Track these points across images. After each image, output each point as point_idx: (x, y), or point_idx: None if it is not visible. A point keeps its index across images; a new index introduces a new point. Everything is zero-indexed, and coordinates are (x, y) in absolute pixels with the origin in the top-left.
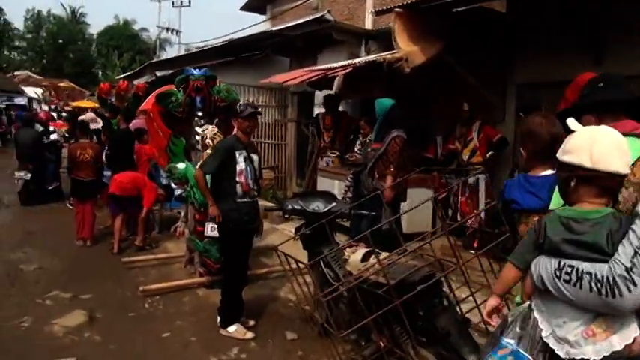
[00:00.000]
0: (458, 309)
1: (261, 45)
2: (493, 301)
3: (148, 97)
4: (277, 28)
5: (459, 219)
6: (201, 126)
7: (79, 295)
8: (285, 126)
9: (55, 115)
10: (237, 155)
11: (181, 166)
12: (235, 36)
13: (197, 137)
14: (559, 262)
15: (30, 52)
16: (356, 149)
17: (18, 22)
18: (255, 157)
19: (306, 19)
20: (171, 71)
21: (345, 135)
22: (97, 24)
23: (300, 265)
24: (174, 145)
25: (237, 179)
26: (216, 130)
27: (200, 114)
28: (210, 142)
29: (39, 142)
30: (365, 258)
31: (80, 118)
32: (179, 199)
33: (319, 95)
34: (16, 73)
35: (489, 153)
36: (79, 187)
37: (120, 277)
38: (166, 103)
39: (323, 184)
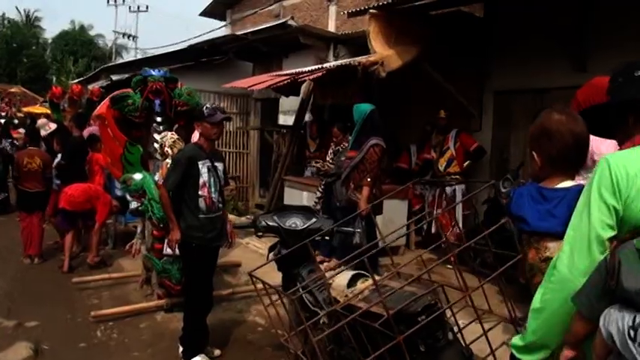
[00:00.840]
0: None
1: (222, 49)
2: (568, 353)
3: (103, 102)
4: (241, 32)
5: (433, 231)
6: (160, 132)
7: (24, 322)
8: (248, 134)
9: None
10: (200, 166)
11: (138, 176)
12: (194, 42)
13: (155, 145)
14: (634, 318)
15: None
16: (328, 157)
17: None
18: (219, 166)
19: (270, 24)
20: (127, 75)
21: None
22: (52, 29)
23: (273, 289)
24: (131, 153)
25: (199, 193)
26: (176, 136)
27: (159, 119)
28: (170, 151)
29: None
30: (351, 282)
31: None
32: (135, 213)
33: (284, 102)
34: None
35: (467, 162)
36: (26, 199)
37: (70, 300)
38: (122, 107)
39: (291, 195)
